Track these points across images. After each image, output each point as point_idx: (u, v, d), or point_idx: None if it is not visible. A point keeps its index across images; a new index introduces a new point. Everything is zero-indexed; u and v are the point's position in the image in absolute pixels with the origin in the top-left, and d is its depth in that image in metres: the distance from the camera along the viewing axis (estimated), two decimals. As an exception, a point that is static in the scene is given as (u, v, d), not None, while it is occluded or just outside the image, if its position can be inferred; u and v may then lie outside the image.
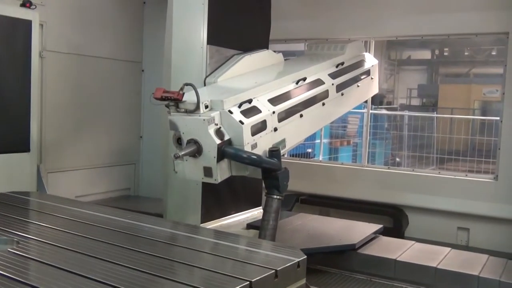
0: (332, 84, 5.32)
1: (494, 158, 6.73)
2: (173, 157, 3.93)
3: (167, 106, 4.12)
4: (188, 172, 4.12)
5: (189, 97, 4.05)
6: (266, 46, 5.98)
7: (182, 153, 3.89)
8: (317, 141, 8.84)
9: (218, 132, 3.97)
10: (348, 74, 5.70)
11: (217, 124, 4.00)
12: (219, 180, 4.04)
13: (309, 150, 9.19)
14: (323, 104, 5.16)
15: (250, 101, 4.26)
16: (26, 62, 5.32)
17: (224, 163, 4.04)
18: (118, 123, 7.55)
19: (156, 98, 4.04)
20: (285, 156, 6.64)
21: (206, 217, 5.21)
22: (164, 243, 3.18)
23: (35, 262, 2.72)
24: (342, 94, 5.48)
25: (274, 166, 4.23)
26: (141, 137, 7.94)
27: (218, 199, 5.42)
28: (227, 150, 3.97)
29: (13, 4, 5.30)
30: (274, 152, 4.26)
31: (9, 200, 4.06)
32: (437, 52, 16.10)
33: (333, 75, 5.45)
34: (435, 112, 11.66)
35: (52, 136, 6.47)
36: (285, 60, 5.90)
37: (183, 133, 4.01)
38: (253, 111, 4.27)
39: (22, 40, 5.27)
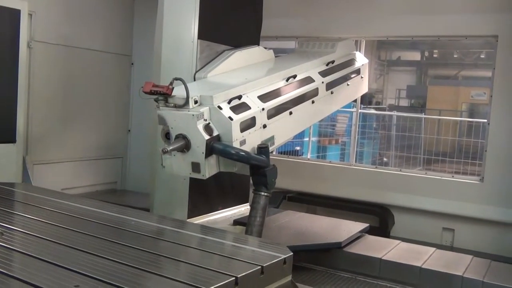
0: (322, 82, 5.33)
1: (480, 160, 6.79)
2: (161, 152, 3.91)
3: (156, 100, 4.10)
4: (176, 167, 4.11)
5: (178, 92, 4.03)
6: (257, 43, 5.96)
7: (170, 148, 3.87)
8: (306, 139, 8.84)
9: (207, 128, 3.96)
10: (338, 73, 5.72)
11: (206, 120, 3.99)
12: (207, 176, 4.03)
13: (298, 148, 9.20)
14: (313, 102, 5.17)
15: (239, 97, 4.25)
16: (14, 52, 5.26)
17: (213, 159, 4.03)
18: (106, 116, 7.49)
19: (145, 92, 4.01)
20: (273, 153, 6.65)
21: (193, 213, 5.19)
22: (151, 237, 3.17)
23: (19, 254, 2.69)
24: (331, 93, 5.49)
25: (262, 163, 4.23)
26: (129, 130, 7.89)
27: (205, 194, 5.40)
28: (216, 146, 3.96)
29: (2, -7, 5.25)
30: (263, 149, 4.26)
31: (-6, 190, 4.02)
32: (426, 53, 16.19)
33: (323, 73, 5.45)
34: (423, 113, 11.72)
35: (39, 128, 6.40)
36: (275, 57, 5.89)
37: (171, 128, 3.99)
38: (243, 107, 4.26)
39: (10, 29, 5.22)
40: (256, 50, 5.64)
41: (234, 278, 2.39)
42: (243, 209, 5.90)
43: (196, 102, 4.03)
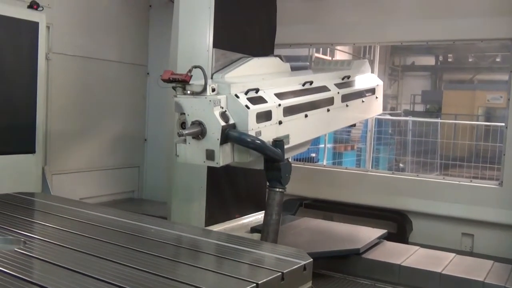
0: (338, 93, 5.30)
1: (498, 164, 6.72)
2: (177, 136, 3.92)
3: (174, 88, 4.12)
4: (190, 156, 4.07)
5: (196, 81, 4.07)
6: (271, 51, 5.98)
7: (186, 132, 3.87)
8: (321, 145, 8.83)
9: (223, 115, 3.96)
10: (353, 87, 5.70)
11: (222, 107, 3.99)
12: (221, 164, 3.99)
13: (313, 155, 9.18)
14: (328, 110, 5.15)
15: (257, 90, 4.25)
16: (33, 63, 5.34)
17: (228, 146, 4.01)
18: (123, 126, 7.57)
19: (164, 80, 4.05)
20: (289, 160, 6.63)
21: (210, 221, 5.19)
22: (170, 245, 3.18)
23: (41, 262, 2.72)
24: (346, 105, 5.46)
25: (277, 155, 4.19)
26: (145, 140, 7.95)
27: (222, 202, 5.41)
28: (231, 133, 3.95)
29: (20, 6, 5.34)
30: (278, 142, 4.24)
31: (16, 200, 4.07)
32: (441, 58, 16.12)
33: (339, 86, 5.42)
34: (439, 118, 11.63)
35: (58, 138, 6.48)
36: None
37: (188, 114, 3.98)
38: (259, 100, 4.25)
39: (29, 41, 5.30)
40: (274, 60, 5.61)
41: (255, 284, 2.38)
42: (259, 217, 5.89)
43: (213, 90, 4.05)
